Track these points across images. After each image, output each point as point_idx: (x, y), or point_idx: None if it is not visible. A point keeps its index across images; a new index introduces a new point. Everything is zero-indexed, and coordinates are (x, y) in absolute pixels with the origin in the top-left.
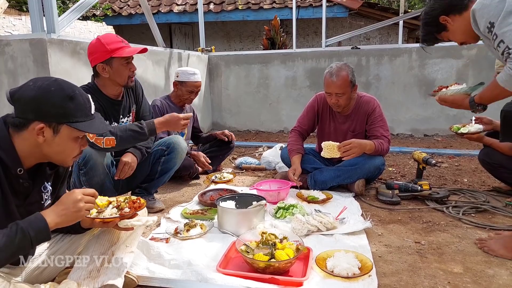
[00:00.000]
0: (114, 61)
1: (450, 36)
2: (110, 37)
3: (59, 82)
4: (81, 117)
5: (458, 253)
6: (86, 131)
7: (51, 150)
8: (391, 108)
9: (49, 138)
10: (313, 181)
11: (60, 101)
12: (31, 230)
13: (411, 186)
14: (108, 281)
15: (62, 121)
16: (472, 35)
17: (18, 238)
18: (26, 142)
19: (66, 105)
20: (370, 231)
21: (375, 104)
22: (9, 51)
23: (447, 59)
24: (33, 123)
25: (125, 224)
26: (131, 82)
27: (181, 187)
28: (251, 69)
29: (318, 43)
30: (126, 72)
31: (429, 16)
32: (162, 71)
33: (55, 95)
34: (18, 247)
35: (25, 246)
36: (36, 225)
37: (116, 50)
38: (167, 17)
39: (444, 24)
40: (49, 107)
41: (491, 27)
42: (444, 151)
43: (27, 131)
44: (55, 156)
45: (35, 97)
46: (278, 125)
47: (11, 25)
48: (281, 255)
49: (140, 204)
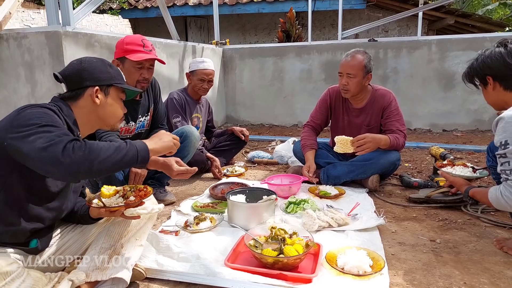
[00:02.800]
0: (127, 61)
1: (484, 93)
2: (133, 38)
3: (95, 57)
4: (121, 80)
5: (476, 252)
6: (130, 89)
7: (106, 112)
8: (409, 102)
9: (103, 100)
10: (325, 176)
11: (104, 67)
12: (137, 145)
13: (430, 183)
14: (116, 274)
15: (110, 82)
16: (497, 108)
17: (128, 148)
18: (82, 110)
19: (109, 70)
20: (384, 228)
21: (391, 97)
22: (26, 43)
23: (468, 52)
24: (87, 89)
25: (131, 212)
26: (140, 87)
27: (193, 180)
28: (266, 62)
29: (335, 36)
30: (135, 76)
31: (483, 66)
32: (176, 64)
33: (99, 64)
34: (126, 155)
35: (132, 157)
36: (139, 144)
37: (130, 52)
38: (182, 10)
39: (487, 81)
40: (98, 73)
41: (506, 145)
42: (463, 146)
43: (82, 99)
44: (108, 118)
45: (84, 68)
46: (292, 119)
47: (30, 18)
48: (290, 251)
49: (146, 192)
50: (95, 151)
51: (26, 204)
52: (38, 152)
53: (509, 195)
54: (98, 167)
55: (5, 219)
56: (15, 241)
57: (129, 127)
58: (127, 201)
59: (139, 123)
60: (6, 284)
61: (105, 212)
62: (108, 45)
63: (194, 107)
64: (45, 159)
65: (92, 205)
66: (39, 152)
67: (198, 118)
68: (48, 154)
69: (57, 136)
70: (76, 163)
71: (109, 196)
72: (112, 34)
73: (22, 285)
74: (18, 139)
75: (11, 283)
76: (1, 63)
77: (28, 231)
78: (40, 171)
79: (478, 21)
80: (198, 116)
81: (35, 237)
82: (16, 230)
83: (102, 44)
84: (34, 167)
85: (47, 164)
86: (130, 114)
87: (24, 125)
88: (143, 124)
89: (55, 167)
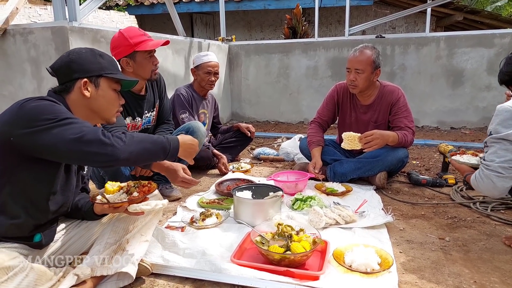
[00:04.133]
0: (138, 55)
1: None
2: (132, 31)
3: (85, 47)
4: (114, 70)
5: (486, 251)
6: (122, 79)
7: (98, 105)
8: (417, 99)
9: (93, 92)
10: (332, 173)
11: (94, 58)
12: (171, 141)
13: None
14: (122, 269)
15: (100, 73)
16: None
17: (163, 141)
18: (75, 103)
19: (99, 60)
20: (391, 226)
21: (400, 94)
22: (32, 39)
23: (477, 48)
24: (77, 82)
25: (134, 208)
26: (154, 75)
27: (199, 176)
28: (271, 59)
29: (341, 33)
30: (150, 66)
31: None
32: (182, 60)
33: (88, 55)
34: (158, 147)
35: (163, 148)
36: (171, 137)
37: (139, 44)
38: (188, 6)
39: None
40: (87, 64)
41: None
42: (472, 144)
43: (73, 92)
44: (102, 111)
45: (72, 60)
46: (298, 116)
47: (36, 14)
48: (297, 248)
49: (150, 188)
50: (135, 141)
51: (31, 198)
52: (70, 143)
53: (479, 179)
54: (136, 156)
55: (10, 212)
56: (19, 234)
57: (136, 123)
58: (131, 197)
59: (145, 118)
60: (8, 278)
61: (108, 208)
62: None
63: (200, 103)
64: (79, 148)
65: (96, 201)
66: (72, 143)
67: (204, 114)
68: (84, 144)
69: (85, 127)
70: (119, 151)
71: (113, 192)
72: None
73: (25, 279)
74: (37, 133)
75: (14, 278)
76: (7, 59)
77: (32, 224)
78: (70, 161)
79: (487, 18)
80: (205, 112)
81: (39, 231)
82: (20, 223)
83: (108, 40)
84: (62, 158)
85: (84, 154)
86: (136, 110)
87: (39, 119)
88: (149, 120)
89: (95, 156)
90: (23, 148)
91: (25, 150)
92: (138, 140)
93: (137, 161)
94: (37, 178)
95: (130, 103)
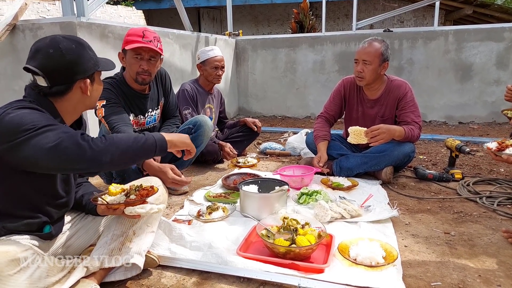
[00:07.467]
0: (127, 53)
1: None
2: (134, 30)
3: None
4: (100, 61)
5: (491, 245)
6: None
7: (92, 99)
8: (424, 93)
9: (90, 89)
10: (338, 167)
11: (87, 53)
12: (155, 136)
13: (445, 176)
14: (130, 260)
15: (96, 69)
16: None
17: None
18: (69, 102)
19: (91, 56)
20: (397, 220)
21: (407, 88)
22: (41, 34)
23: (486, 42)
24: (76, 82)
25: (130, 211)
26: (141, 79)
27: (206, 171)
28: (278, 53)
29: (349, 27)
30: (135, 67)
31: None
32: (189, 55)
33: (81, 51)
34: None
35: (151, 145)
36: (156, 135)
37: (129, 42)
38: (195, 1)
39: None
40: (86, 62)
41: None
42: (480, 139)
43: (71, 93)
44: (93, 104)
45: (71, 61)
46: (304, 111)
47: (45, 10)
48: (302, 241)
49: (148, 191)
50: (115, 141)
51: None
52: (49, 152)
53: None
54: (120, 157)
55: (17, 215)
56: (29, 229)
57: (138, 120)
58: (127, 199)
59: (149, 117)
60: (21, 269)
61: (107, 209)
62: (121, 36)
63: (206, 98)
64: (58, 156)
65: (98, 202)
66: (49, 151)
67: (210, 109)
68: (62, 151)
69: (63, 133)
70: (99, 154)
71: (115, 194)
72: (125, 25)
73: (37, 271)
74: (17, 146)
75: (26, 269)
76: (17, 54)
77: (41, 222)
78: (52, 171)
79: (497, 11)
80: (211, 107)
81: (48, 224)
82: (28, 223)
83: (116, 35)
84: (43, 169)
85: (63, 161)
86: (137, 107)
87: (17, 132)
88: (154, 119)
89: (75, 163)
90: (9, 163)
91: (12, 164)
92: (119, 139)
93: (122, 162)
94: (36, 187)
95: (132, 101)
